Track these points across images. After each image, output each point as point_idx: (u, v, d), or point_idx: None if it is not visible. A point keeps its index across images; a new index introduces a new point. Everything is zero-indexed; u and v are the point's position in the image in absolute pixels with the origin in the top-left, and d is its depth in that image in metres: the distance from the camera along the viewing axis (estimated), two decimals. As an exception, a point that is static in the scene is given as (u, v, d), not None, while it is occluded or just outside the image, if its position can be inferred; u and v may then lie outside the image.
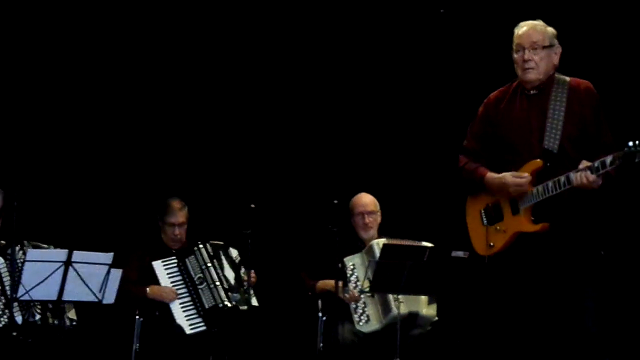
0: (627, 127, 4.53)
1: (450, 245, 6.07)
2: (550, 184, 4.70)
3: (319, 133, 7.57)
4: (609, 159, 4.50)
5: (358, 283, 6.27)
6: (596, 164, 4.55)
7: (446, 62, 7.46)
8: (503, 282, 4.90)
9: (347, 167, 7.47)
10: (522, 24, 4.96)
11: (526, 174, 4.79)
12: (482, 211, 5.02)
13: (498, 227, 4.92)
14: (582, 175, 4.57)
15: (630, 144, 4.39)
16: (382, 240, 6.30)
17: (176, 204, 6.51)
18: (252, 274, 6.42)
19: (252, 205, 5.95)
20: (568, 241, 4.73)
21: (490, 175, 4.93)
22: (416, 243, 6.33)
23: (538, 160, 4.78)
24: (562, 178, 4.65)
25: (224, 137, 7.49)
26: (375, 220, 6.56)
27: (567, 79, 4.89)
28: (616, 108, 5.00)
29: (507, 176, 4.85)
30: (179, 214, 6.49)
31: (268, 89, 7.56)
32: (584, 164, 4.60)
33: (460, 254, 5.99)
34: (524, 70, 4.87)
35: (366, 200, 6.59)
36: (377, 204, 6.61)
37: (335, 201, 5.96)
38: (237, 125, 7.52)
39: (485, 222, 4.99)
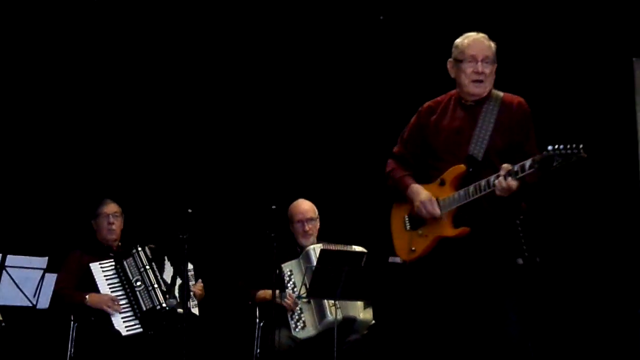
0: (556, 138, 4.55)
1: (388, 251, 6.10)
2: (471, 188, 4.73)
3: (255, 138, 7.56)
4: (528, 163, 4.53)
5: (295, 289, 6.27)
6: (515, 168, 4.58)
7: (380, 69, 7.51)
8: (424, 286, 4.93)
9: (285, 172, 7.47)
10: (469, 34, 4.91)
11: (437, 210, 4.81)
12: (406, 217, 5.03)
13: (420, 232, 4.93)
14: (502, 179, 4.58)
15: (550, 147, 4.43)
16: (319, 246, 6.30)
17: (108, 199, 6.57)
18: (200, 287, 6.41)
19: (189, 210, 5.94)
20: (487, 247, 4.75)
21: (413, 187, 4.93)
22: (353, 248, 6.36)
23: (461, 165, 4.81)
24: (483, 182, 4.68)
25: (160, 139, 7.45)
26: (315, 226, 6.55)
27: (501, 94, 4.91)
28: (544, 120, 5.04)
29: (422, 194, 4.86)
30: (111, 205, 6.53)
31: (205, 92, 7.53)
32: (505, 168, 4.62)
33: (397, 259, 6.00)
34: (474, 82, 4.84)
35: (305, 207, 6.58)
36: (316, 210, 6.60)
37: (274, 206, 5.95)
38: (174, 128, 7.48)
39: (408, 227, 5.01)
